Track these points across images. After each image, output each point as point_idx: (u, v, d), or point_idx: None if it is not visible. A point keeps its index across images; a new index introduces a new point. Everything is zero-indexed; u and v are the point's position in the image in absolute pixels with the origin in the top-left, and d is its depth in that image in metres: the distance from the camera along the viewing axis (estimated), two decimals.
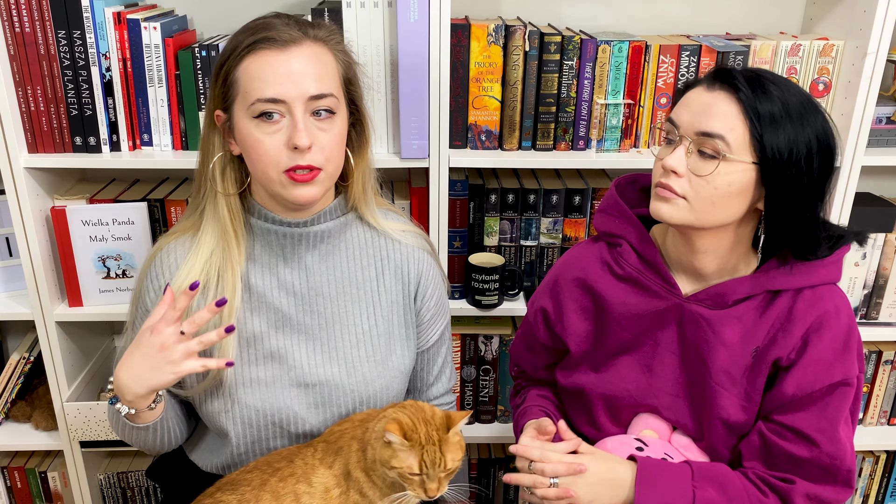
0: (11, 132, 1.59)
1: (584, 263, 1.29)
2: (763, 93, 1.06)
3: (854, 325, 1.15)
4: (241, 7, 1.82)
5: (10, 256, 1.83)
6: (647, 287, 1.21)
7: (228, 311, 1.16)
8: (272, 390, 1.20)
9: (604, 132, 1.70)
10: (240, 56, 1.10)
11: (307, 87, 1.08)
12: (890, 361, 1.95)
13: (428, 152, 1.65)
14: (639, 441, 1.24)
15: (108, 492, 2.05)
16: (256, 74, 1.08)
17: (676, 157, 1.09)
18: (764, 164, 1.06)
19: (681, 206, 1.10)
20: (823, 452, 1.12)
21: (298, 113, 1.08)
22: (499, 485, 2.08)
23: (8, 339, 2.08)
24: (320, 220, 1.21)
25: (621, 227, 1.24)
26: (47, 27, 1.54)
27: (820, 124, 1.07)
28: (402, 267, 1.27)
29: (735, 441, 1.20)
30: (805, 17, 1.88)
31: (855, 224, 1.74)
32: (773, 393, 1.15)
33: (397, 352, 1.27)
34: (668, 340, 1.21)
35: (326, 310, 1.23)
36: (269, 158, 1.09)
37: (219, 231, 1.18)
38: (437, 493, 1.06)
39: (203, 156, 1.19)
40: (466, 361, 1.90)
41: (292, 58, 1.09)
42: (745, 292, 1.16)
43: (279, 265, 1.21)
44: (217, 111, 1.15)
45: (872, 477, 2.08)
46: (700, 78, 1.13)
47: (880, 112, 1.72)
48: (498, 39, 1.61)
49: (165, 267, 1.21)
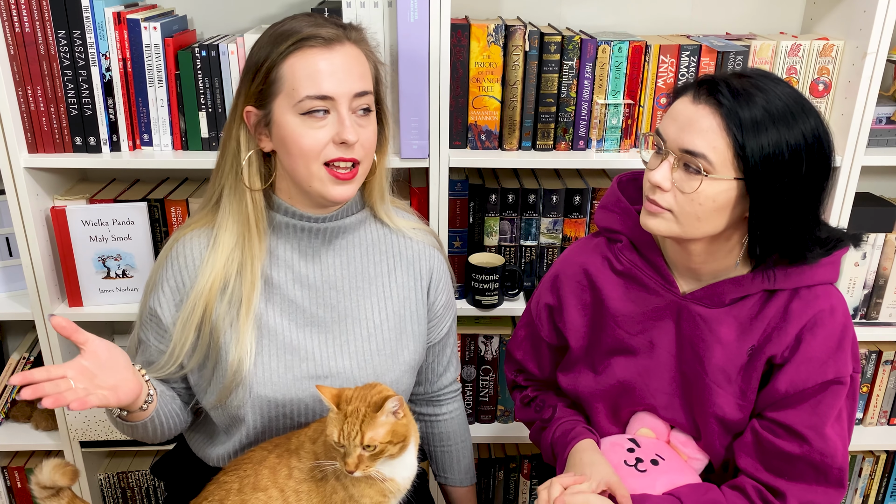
0: (11, 132, 1.59)
1: (585, 258, 1.29)
2: (746, 102, 1.04)
3: (849, 324, 1.15)
4: (241, 7, 1.82)
5: (10, 256, 1.83)
6: (646, 284, 1.22)
7: (247, 307, 1.18)
8: (285, 382, 1.21)
9: (604, 132, 1.70)
10: (285, 53, 1.11)
11: (352, 85, 1.13)
12: (890, 361, 1.95)
13: (428, 152, 1.65)
14: (632, 442, 1.24)
15: (108, 492, 2.05)
16: (305, 72, 1.11)
17: (662, 173, 1.09)
18: (747, 176, 1.05)
19: (668, 218, 1.11)
20: (814, 449, 1.12)
21: (344, 109, 1.12)
22: (499, 485, 2.08)
23: (8, 339, 2.08)
24: (340, 216, 1.24)
25: (622, 222, 1.25)
26: (47, 27, 1.54)
27: (810, 126, 1.05)
28: (415, 263, 1.30)
29: (731, 438, 1.20)
30: (805, 17, 1.88)
31: (855, 224, 1.75)
32: (766, 390, 1.15)
33: (409, 346, 1.29)
34: (666, 340, 1.22)
35: (339, 303, 1.25)
36: (314, 152, 1.12)
37: (240, 226, 1.19)
38: (353, 469, 1.04)
39: (224, 152, 1.21)
40: (466, 361, 1.90)
41: (337, 56, 1.12)
42: (741, 291, 1.16)
43: (295, 259, 1.24)
44: (249, 108, 1.16)
45: (872, 477, 2.08)
46: (688, 83, 1.12)
47: (880, 112, 1.72)
48: (498, 39, 1.61)
49: (182, 258, 1.22)
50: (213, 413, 1.26)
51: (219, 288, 1.18)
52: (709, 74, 1.14)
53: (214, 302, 1.18)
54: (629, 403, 1.26)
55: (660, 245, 1.24)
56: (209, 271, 1.18)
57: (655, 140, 1.13)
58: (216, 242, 1.20)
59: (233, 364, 1.18)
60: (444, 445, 1.46)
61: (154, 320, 1.24)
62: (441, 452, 1.47)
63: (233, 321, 1.18)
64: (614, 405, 1.28)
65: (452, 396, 1.46)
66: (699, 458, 1.23)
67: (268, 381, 1.20)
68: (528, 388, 1.44)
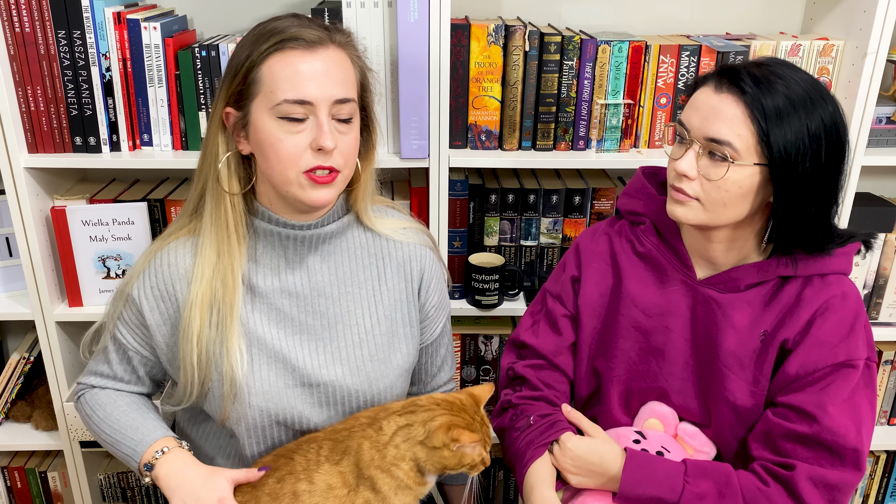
0: (11, 132, 1.59)
1: (611, 237, 1.32)
2: (768, 90, 1.07)
3: (862, 312, 1.17)
4: (241, 7, 1.82)
5: (10, 256, 1.83)
6: (664, 268, 1.25)
7: (230, 313, 1.16)
8: (277, 391, 1.20)
9: (604, 132, 1.70)
10: (265, 54, 1.08)
11: (333, 91, 1.09)
12: (890, 361, 1.95)
13: (428, 152, 1.65)
14: (638, 434, 1.24)
15: (108, 492, 2.05)
16: (283, 74, 1.07)
17: (688, 162, 1.12)
18: (772, 164, 1.08)
19: (695, 207, 1.14)
20: (823, 428, 1.11)
21: (323, 115, 1.08)
22: (499, 485, 2.08)
23: (8, 339, 2.08)
24: (324, 223, 1.21)
25: (645, 206, 1.29)
26: (47, 27, 1.54)
27: (829, 112, 1.08)
28: (405, 265, 1.28)
29: (742, 428, 1.20)
30: (805, 17, 1.88)
31: (855, 224, 1.75)
32: (778, 375, 1.17)
33: (401, 350, 1.27)
34: (681, 323, 1.23)
35: (329, 310, 1.23)
36: (291, 159, 1.09)
37: (220, 231, 1.17)
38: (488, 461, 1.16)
39: (205, 154, 1.18)
40: (466, 361, 1.90)
41: (318, 60, 1.08)
42: (756, 278, 1.19)
43: (282, 267, 1.21)
44: (228, 108, 1.13)
45: (872, 477, 2.08)
46: (709, 74, 1.14)
47: (880, 112, 1.72)
48: (498, 39, 1.61)
49: (167, 266, 1.19)
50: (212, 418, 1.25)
51: (210, 297, 1.16)
52: (729, 64, 1.17)
53: (207, 312, 1.17)
54: (643, 388, 1.27)
55: (680, 231, 1.26)
56: (199, 279, 1.16)
57: (678, 130, 1.15)
58: (200, 252, 1.17)
59: (227, 373, 1.16)
60: None
61: (136, 319, 1.21)
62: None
63: (219, 327, 1.16)
64: (627, 390, 1.28)
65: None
66: (705, 452, 1.24)
67: (260, 390, 1.19)
68: (520, 389, 1.37)
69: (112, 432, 1.22)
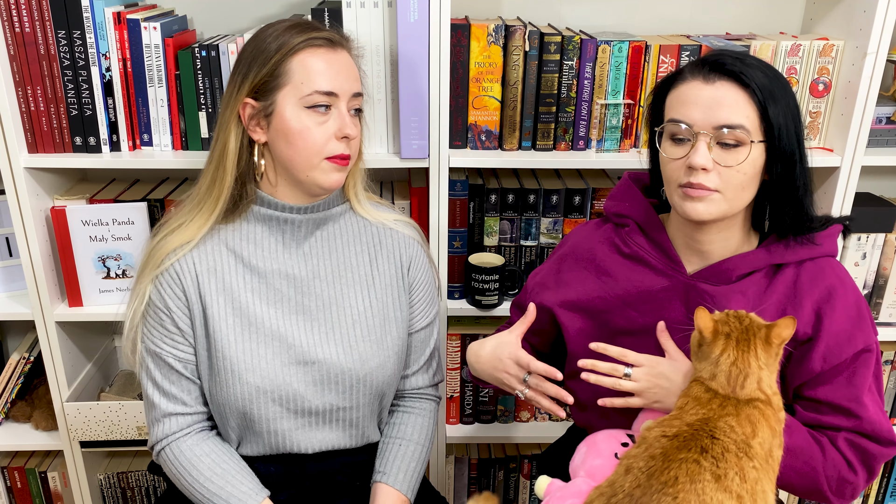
0: (11, 132, 1.59)
1: (592, 244, 1.33)
2: (755, 73, 1.12)
3: (860, 294, 1.20)
4: (241, 7, 1.82)
5: (10, 256, 1.83)
6: (653, 266, 1.25)
7: (215, 279, 1.25)
8: (273, 368, 1.24)
9: (604, 132, 1.70)
10: (296, 48, 1.18)
11: (352, 85, 1.22)
12: (890, 361, 1.95)
13: (428, 152, 1.65)
14: (629, 437, 1.24)
15: (108, 492, 2.05)
16: (316, 67, 1.18)
17: (703, 155, 1.12)
18: (770, 139, 1.12)
19: (716, 199, 1.14)
20: (864, 421, 1.15)
21: (343, 107, 1.21)
22: (499, 485, 2.08)
23: (8, 339, 2.08)
24: (324, 207, 1.29)
25: (630, 208, 1.30)
26: (47, 27, 1.54)
27: (790, 86, 1.16)
28: (396, 251, 1.35)
29: None
30: (805, 17, 1.88)
31: (855, 224, 1.75)
32: (800, 370, 1.17)
33: (392, 332, 1.33)
34: (676, 320, 1.23)
35: (324, 292, 1.29)
36: (318, 145, 1.20)
37: (212, 203, 1.24)
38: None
39: (216, 143, 1.24)
40: (466, 361, 1.90)
41: (341, 57, 1.22)
42: (748, 267, 1.20)
43: (280, 250, 1.28)
44: (247, 99, 1.20)
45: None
46: (683, 71, 1.16)
47: (880, 112, 1.72)
48: (498, 39, 1.61)
49: (178, 278, 1.25)
50: (210, 402, 1.29)
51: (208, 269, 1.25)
52: (702, 57, 1.18)
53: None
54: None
55: (665, 227, 1.27)
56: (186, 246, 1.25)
57: (672, 129, 1.16)
58: (191, 226, 1.26)
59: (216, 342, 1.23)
60: (396, 438, 1.38)
61: (168, 323, 1.26)
62: (389, 443, 1.38)
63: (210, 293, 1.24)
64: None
65: (426, 397, 1.44)
66: None
67: (256, 367, 1.23)
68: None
69: (207, 494, 1.25)
